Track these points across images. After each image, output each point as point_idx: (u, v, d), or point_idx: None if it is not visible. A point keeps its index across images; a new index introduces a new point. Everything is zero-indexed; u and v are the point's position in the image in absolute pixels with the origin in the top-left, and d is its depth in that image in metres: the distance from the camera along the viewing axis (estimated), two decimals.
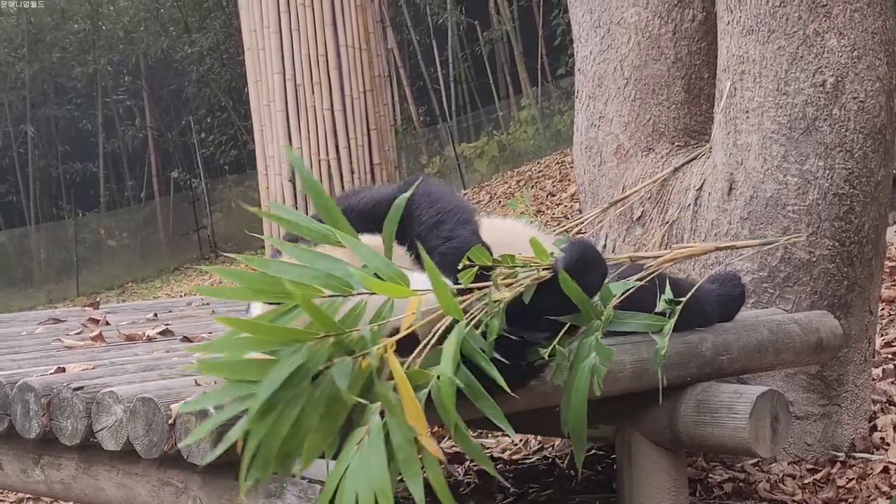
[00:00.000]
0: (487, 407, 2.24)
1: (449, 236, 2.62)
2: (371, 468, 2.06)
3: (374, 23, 11.44)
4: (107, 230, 27.36)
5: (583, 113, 4.31)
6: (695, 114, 4.13)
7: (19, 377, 2.70)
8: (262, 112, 10.85)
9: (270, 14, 10.63)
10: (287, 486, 2.24)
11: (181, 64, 28.74)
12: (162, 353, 3.28)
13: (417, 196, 2.73)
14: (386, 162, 11.08)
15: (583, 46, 4.32)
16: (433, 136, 22.80)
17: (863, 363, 3.82)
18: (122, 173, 30.76)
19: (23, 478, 2.87)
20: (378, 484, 2.03)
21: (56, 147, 30.04)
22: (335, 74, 10.72)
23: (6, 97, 28.44)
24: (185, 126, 29.02)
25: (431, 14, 23.52)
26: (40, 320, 4.76)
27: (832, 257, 3.63)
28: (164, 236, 26.72)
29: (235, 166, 27.48)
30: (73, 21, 29.44)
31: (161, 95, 30.93)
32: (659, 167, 4.05)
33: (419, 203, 2.71)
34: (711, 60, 4.02)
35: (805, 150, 3.59)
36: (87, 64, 28.26)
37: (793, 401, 3.65)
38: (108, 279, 24.28)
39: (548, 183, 14.52)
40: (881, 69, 3.61)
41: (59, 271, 25.57)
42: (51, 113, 29.71)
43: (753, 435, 2.81)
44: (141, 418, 2.35)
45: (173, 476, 2.45)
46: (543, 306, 2.51)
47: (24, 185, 28.70)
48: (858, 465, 3.66)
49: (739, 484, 3.61)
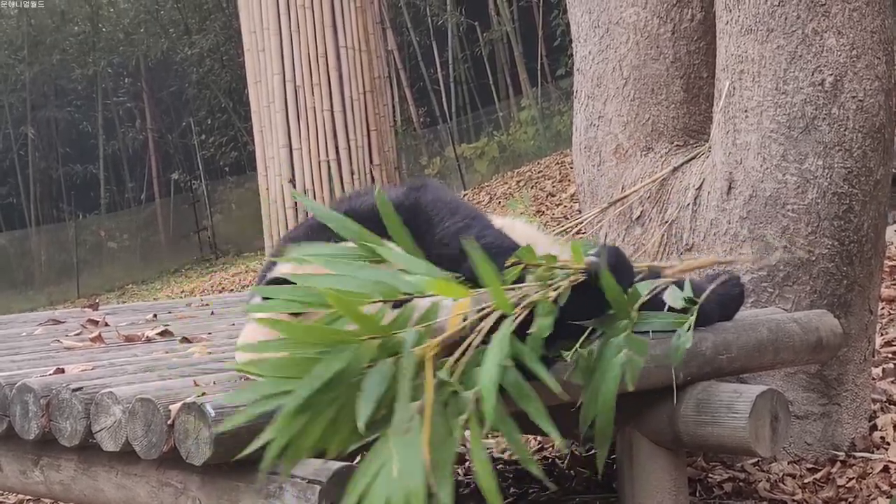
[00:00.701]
0: (534, 409, 2.23)
1: (480, 235, 2.65)
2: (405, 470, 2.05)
3: (374, 24, 11.43)
4: (107, 232, 27.37)
5: (582, 113, 4.31)
6: (694, 113, 4.13)
7: (18, 378, 2.70)
8: (262, 113, 10.85)
9: (270, 15, 10.62)
10: (286, 486, 2.24)
11: (181, 66, 28.77)
12: (161, 353, 3.28)
13: (431, 201, 2.75)
14: (386, 163, 11.07)
15: (582, 46, 4.32)
16: (433, 136, 22.81)
17: (862, 362, 3.82)
18: (122, 175, 30.79)
19: (22, 479, 2.87)
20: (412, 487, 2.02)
21: (56, 149, 30.05)
22: (335, 76, 10.71)
23: (6, 99, 28.45)
24: (186, 128, 29.03)
25: (431, 15, 23.53)
26: (40, 321, 4.76)
27: (832, 256, 3.63)
28: (165, 238, 26.74)
29: (236, 168, 27.51)
30: (73, 23, 29.47)
31: (161, 97, 30.95)
32: (658, 167, 4.05)
33: (438, 209, 2.74)
34: (710, 60, 4.02)
35: (804, 150, 3.59)
36: (87, 66, 28.28)
37: (792, 400, 3.65)
38: (109, 281, 24.30)
39: (548, 183, 14.52)
40: (880, 68, 3.61)
41: (60, 273, 25.58)
42: (51, 115, 29.72)
43: (753, 434, 2.81)
44: (140, 419, 2.35)
45: (172, 477, 2.45)
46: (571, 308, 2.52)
47: (25, 187, 28.71)
48: (858, 464, 3.66)
49: (739, 483, 3.61)
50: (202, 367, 2.86)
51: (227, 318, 4.64)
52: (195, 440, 2.27)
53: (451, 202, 2.79)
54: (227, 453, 2.28)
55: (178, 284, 19.97)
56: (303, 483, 2.21)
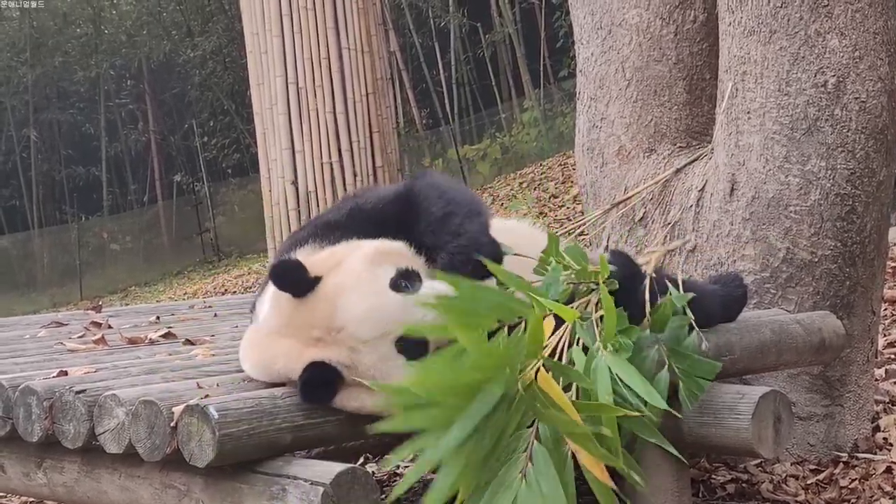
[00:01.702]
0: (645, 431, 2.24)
1: (457, 231, 2.59)
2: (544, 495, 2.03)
3: (377, 25, 11.43)
4: (110, 234, 27.40)
5: (584, 114, 4.31)
6: (696, 115, 4.12)
7: (22, 381, 2.71)
8: (265, 115, 10.84)
9: (272, 17, 10.62)
10: (289, 488, 2.24)
11: (183, 67, 28.77)
12: (164, 356, 3.29)
13: (424, 188, 2.71)
14: (389, 164, 11.06)
15: (584, 48, 4.32)
16: (436, 138, 22.82)
17: (865, 363, 3.82)
18: (124, 177, 30.80)
19: (25, 481, 2.88)
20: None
21: (59, 151, 30.07)
22: (337, 77, 10.70)
23: (9, 101, 28.47)
24: (188, 129, 29.04)
25: (434, 16, 23.52)
26: (43, 324, 4.77)
27: (834, 258, 3.63)
28: (167, 240, 26.76)
29: (238, 169, 27.51)
30: (75, 25, 29.48)
31: (164, 99, 30.96)
32: (661, 168, 4.05)
33: (427, 195, 2.69)
34: (713, 61, 4.01)
35: (807, 151, 3.59)
36: (89, 68, 28.29)
37: (795, 401, 3.65)
38: (112, 283, 24.32)
39: (550, 185, 14.53)
40: (883, 69, 3.60)
41: (63, 275, 25.60)
42: (53, 117, 29.73)
43: (756, 435, 2.80)
44: (143, 421, 2.35)
45: (176, 479, 2.46)
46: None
47: (28, 190, 28.73)
48: (861, 465, 3.66)
49: (742, 485, 3.60)
50: (205, 370, 2.87)
51: (230, 320, 4.65)
52: (198, 442, 2.27)
53: (443, 188, 2.72)
54: (231, 455, 2.28)
55: (181, 286, 19.99)
56: (306, 485, 2.21)
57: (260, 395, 2.42)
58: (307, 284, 2.50)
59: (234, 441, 2.27)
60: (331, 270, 2.53)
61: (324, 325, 2.47)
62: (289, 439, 2.40)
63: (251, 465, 2.34)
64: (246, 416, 2.32)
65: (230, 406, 2.31)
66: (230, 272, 19.32)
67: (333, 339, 2.46)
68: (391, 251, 2.57)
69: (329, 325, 2.47)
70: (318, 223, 2.79)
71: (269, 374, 2.56)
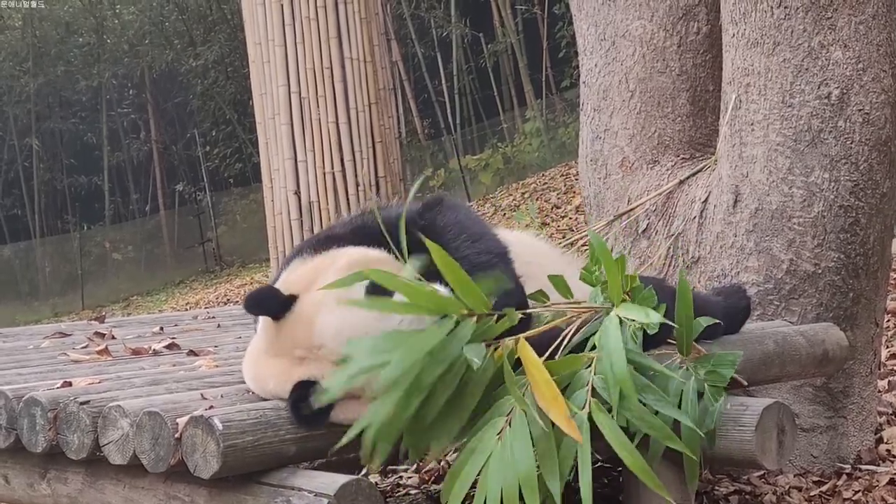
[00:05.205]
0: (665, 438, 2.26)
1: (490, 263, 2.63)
2: (516, 460, 2.03)
3: (379, 35, 11.46)
4: (112, 243, 27.38)
5: (588, 125, 4.32)
6: (700, 126, 4.13)
7: (26, 391, 2.71)
8: (268, 125, 10.86)
9: (275, 27, 10.65)
10: (293, 500, 2.24)
11: (186, 77, 28.77)
12: (168, 366, 3.29)
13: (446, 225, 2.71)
14: (391, 175, 11.09)
15: (588, 59, 4.33)
16: (438, 148, 22.80)
17: (868, 375, 3.82)
18: (127, 186, 30.79)
19: (29, 492, 2.88)
20: (524, 477, 2.01)
21: (61, 160, 30.06)
22: (340, 87, 10.73)
23: (11, 111, 28.48)
24: (190, 139, 29.03)
25: (436, 27, 23.52)
26: (46, 334, 4.77)
27: (837, 269, 3.63)
28: (170, 249, 26.74)
29: (240, 179, 27.49)
30: (77, 34, 29.48)
31: (166, 108, 30.96)
32: (664, 180, 4.06)
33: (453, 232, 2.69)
34: (716, 73, 4.02)
35: (810, 163, 3.59)
36: (91, 77, 28.29)
37: (799, 413, 3.65)
38: (114, 292, 24.29)
39: (553, 195, 14.52)
40: (886, 81, 3.61)
41: (65, 284, 25.58)
42: (56, 126, 29.72)
43: (759, 447, 2.80)
44: (147, 432, 2.35)
45: (180, 490, 2.45)
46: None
47: (30, 199, 28.73)
48: (864, 477, 3.66)
49: (745, 496, 3.60)
50: (209, 381, 2.87)
51: (233, 330, 4.65)
52: (203, 454, 2.27)
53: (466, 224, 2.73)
54: (235, 467, 2.28)
55: (183, 296, 19.97)
56: (310, 496, 2.21)
57: (264, 407, 2.42)
58: (280, 307, 2.51)
59: (238, 452, 2.27)
60: (310, 285, 2.53)
61: (305, 344, 2.47)
62: (293, 450, 2.40)
63: (255, 476, 2.34)
64: (250, 427, 2.32)
65: (234, 417, 2.31)
66: (232, 282, 19.31)
67: (315, 356, 2.46)
68: (369, 261, 2.56)
69: (309, 344, 2.47)
70: (322, 237, 2.80)
71: (264, 393, 2.57)
